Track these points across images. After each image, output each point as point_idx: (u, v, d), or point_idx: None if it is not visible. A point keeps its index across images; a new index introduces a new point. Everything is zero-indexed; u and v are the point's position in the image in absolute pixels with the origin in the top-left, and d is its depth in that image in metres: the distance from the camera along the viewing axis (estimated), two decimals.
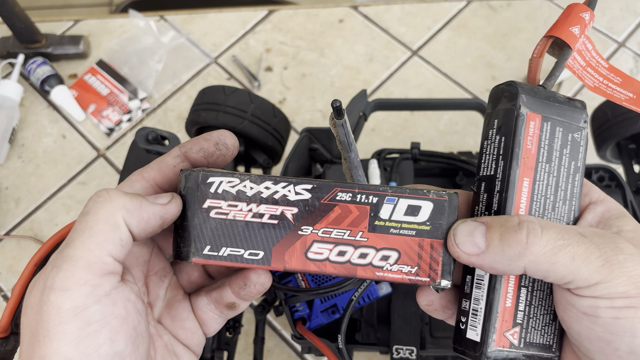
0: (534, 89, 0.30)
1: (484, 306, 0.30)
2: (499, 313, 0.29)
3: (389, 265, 0.30)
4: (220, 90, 0.69)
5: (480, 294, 0.30)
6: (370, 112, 0.69)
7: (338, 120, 0.29)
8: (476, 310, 0.30)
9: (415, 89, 1.09)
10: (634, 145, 0.76)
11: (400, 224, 0.30)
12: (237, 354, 0.82)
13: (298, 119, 1.06)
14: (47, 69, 1.07)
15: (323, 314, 0.54)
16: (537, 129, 0.30)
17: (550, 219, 0.30)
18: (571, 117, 0.31)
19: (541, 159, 0.30)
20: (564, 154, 0.30)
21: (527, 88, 0.30)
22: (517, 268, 0.27)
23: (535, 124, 0.30)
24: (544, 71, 0.30)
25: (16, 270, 0.94)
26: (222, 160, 0.33)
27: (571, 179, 0.31)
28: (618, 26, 1.14)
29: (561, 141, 0.30)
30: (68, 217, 0.98)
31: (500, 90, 0.31)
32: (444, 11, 1.17)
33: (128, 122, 1.07)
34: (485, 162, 0.31)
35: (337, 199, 0.30)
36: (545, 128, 0.30)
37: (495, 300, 0.29)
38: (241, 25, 1.17)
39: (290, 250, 0.30)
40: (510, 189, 0.29)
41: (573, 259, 0.26)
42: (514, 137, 0.29)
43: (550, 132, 0.30)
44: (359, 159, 0.33)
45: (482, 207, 0.31)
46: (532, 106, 0.30)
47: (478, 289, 0.30)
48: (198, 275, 0.36)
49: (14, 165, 1.03)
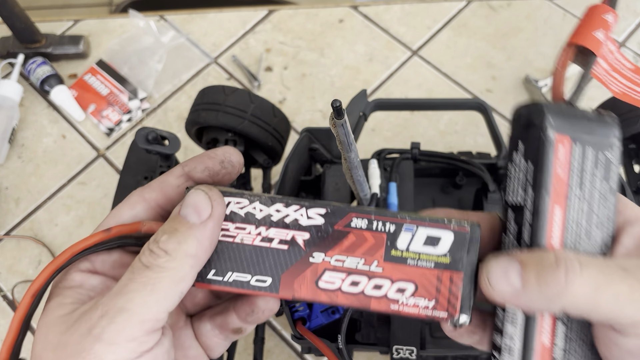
0: (561, 108, 0.28)
1: (520, 345, 0.28)
2: (536, 351, 0.28)
3: (405, 299, 0.29)
4: (220, 90, 0.69)
5: (514, 331, 0.29)
6: (370, 112, 0.69)
7: (338, 120, 0.29)
8: (511, 348, 0.29)
9: (415, 89, 1.09)
10: (634, 145, 0.76)
11: (419, 254, 0.29)
12: (237, 354, 0.82)
13: (298, 119, 1.06)
14: (47, 69, 1.07)
15: (323, 314, 0.54)
16: (567, 153, 0.28)
17: (586, 248, 0.28)
18: (602, 134, 0.28)
19: (573, 184, 0.28)
20: (596, 176, 0.28)
21: (553, 108, 0.28)
22: (556, 308, 0.26)
23: (564, 147, 0.28)
24: (543, 71, 0.29)
25: (16, 271, 0.94)
26: (228, 178, 0.32)
27: (605, 202, 0.29)
28: (618, 26, 1.14)
29: (592, 162, 0.28)
30: (68, 217, 0.98)
31: (524, 111, 0.29)
32: (444, 11, 1.17)
33: (128, 122, 1.07)
34: (512, 187, 0.30)
35: (352, 226, 0.28)
36: (576, 150, 0.28)
37: (532, 338, 0.28)
38: (241, 25, 1.17)
39: (300, 278, 0.28)
40: (542, 219, 0.28)
41: (616, 297, 0.25)
42: (543, 163, 0.28)
43: (580, 153, 0.28)
44: (359, 159, 0.33)
45: (511, 238, 0.30)
46: (559, 128, 0.28)
47: (512, 325, 0.29)
48: (202, 297, 0.34)
49: (13, 165, 1.03)
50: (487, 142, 1.01)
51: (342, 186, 0.61)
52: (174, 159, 0.63)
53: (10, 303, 0.92)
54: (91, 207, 0.99)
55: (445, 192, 0.68)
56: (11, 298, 0.92)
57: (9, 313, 0.91)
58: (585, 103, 1.06)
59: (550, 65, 1.09)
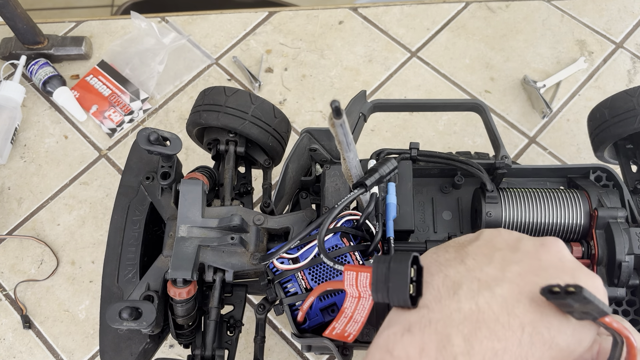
0: None
1: None
2: None
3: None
4: (221, 91, 0.70)
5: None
6: (369, 112, 0.69)
7: (337, 120, 0.30)
8: None
9: (414, 90, 1.09)
10: (631, 145, 0.76)
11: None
12: (237, 352, 0.83)
13: (298, 119, 1.07)
14: (49, 70, 1.07)
15: (323, 313, 0.54)
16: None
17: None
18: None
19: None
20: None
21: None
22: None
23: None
24: (541, 72, 0.30)
25: (18, 270, 0.95)
26: None
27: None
28: (616, 27, 1.15)
29: None
30: (70, 216, 0.99)
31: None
32: (443, 12, 1.18)
33: (129, 123, 1.08)
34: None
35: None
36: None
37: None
38: (242, 26, 1.18)
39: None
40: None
41: None
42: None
43: None
44: (358, 159, 0.34)
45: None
46: None
47: None
48: None
49: (16, 165, 1.04)
50: (485, 142, 1.02)
51: (341, 186, 0.62)
52: (176, 160, 0.64)
53: (13, 302, 0.92)
54: (93, 207, 1.00)
55: (444, 192, 0.68)
56: (13, 297, 0.92)
57: (12, 312, 0.92)
58: (583, 103, 1.07)
59: (548, 67, 1.10)
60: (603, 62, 1.11)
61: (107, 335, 0.57)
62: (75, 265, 0.95)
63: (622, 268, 0.55)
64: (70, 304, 0.92)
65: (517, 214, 0.60)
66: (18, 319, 0.91)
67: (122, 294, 0.59)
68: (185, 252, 0.56)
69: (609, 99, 0.73)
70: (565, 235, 0.61)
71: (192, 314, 0.58)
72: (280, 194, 0.65)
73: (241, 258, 0.58)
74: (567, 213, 0.60)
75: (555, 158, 1.02)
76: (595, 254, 0.58)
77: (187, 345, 0.62)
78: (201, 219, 0.57)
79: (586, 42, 1.13)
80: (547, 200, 0.61)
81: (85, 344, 0.90)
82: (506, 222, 0.60)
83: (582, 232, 0.60)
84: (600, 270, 0.58)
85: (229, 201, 0.64)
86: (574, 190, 0.62)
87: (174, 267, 0.55)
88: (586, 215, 0.60)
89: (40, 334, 0.90)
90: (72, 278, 0.94)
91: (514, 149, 1.03)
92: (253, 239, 0.58)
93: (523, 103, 1.06)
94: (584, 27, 1.15)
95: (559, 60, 1.11)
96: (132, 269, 0.60)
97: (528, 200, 0.61)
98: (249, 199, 0.72)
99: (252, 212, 0.60)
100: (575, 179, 0.66)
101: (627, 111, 0.70)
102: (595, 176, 0.66)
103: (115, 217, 0.63)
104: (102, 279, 0.60)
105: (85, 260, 0.96)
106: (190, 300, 0.57)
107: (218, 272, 0.58)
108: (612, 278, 0.57)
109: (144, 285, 0.58)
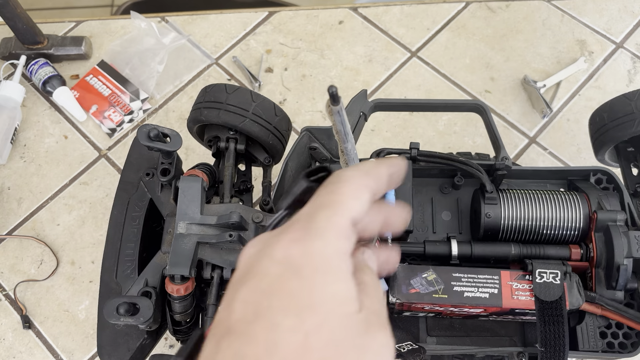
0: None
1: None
2: None
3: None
4: (223, 88, 0.70)
5: None
6: (370, 112, 0.69)
7: (334, 106, 0.29)
8: None
9: (414, 90, 1.09)
10: (632, 148, 0.76)
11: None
12: None
13: (298, 119, 1.07)
14: (49, 70, 1.07)
15: None
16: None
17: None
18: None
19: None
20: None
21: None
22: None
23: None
24: (541, 72, 0.30)
25: (18, 270, 0.95)
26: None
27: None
28: (616, 27, 1.15)
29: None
30: (70, 216, 0.99)
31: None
32: (443, 12, 1.18)
33: (129, 123, 1.07)
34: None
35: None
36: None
37: None
38: (242, 26, 1.18)
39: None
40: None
41: None
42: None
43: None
44: (356, 151, 0.34)
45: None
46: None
47: None
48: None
49: (16, 165, 1.04)
50: (485, 142, 1.01)
51: None
52: (176, 156, 0.64)
53: (13, 302, 0.92)
54: (93, 207, 1.00)
55: (444, 192, 0.68)
56: (13, 297, 0.92)
57: (11, 312, 0.92)
58: (584, 103, 1.06)
59: (548, 67, 1.10)
60: (603, 62, 1.11)
61: (105, 331, 0.57)
62: (75, 265, 0.95)
63: (621, 271, 0.55)
64: (70, 304, 0.92)
65: (516, 215, 0.60)
66: (18, 319, 0.91)
67: (121, 290, 0.59)
68: (183, 249, 0.56)
69: (608, 103, 0.73)
70: (564, 238, 0.61)
71: (189, 311, 0.58)
72: (280, 192, 0.65)
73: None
74: (567, 215, 0.60)
75: (555, 158, 1.02)
76: (593, 257, 0.58)
77: (185, 342, 0.62)
78: (200, 216, 0.57)
79: (586, 42, 1.13)
80: (547, 202, 0.61)
81: (85, 344, 0.89)
82: (505, 223, 0.60)
83: (581, 234, 0.60)
84: (599, 273, 0.58)
85: (228, 199, 0.64)
86: (573, 192, 0.62)
87: (172, 263, 0.55)
88: (585, 218, 0.60)
89: (40, 334, 0.90)
90: (72, 278, 0.94)
91: (514, 149, 1.03)
92: (252, 237, 0.58)
93: (523, 103, 1.06)
94: (584, 27, 1.15)
95: (559, 60, 1.11)
96: (130, 264, 0.60)
97: (527, 201, 0.61)
98: (248, 196, 0.72)
99: (251, 209, 0.60)
100: (575, 181, 0.66)
101: (625, 115, 0.70)
102: (595, 179, 0.66)
103: (115, 213, 0.63)
104: (101, 274, 0.60)
105: (85, 260, 0.95)
106: (188, 297, 0.57)
107: (216, 269, 0.58)
108: (610, 281, 0.57)
109: (142, 281, 0.58)
